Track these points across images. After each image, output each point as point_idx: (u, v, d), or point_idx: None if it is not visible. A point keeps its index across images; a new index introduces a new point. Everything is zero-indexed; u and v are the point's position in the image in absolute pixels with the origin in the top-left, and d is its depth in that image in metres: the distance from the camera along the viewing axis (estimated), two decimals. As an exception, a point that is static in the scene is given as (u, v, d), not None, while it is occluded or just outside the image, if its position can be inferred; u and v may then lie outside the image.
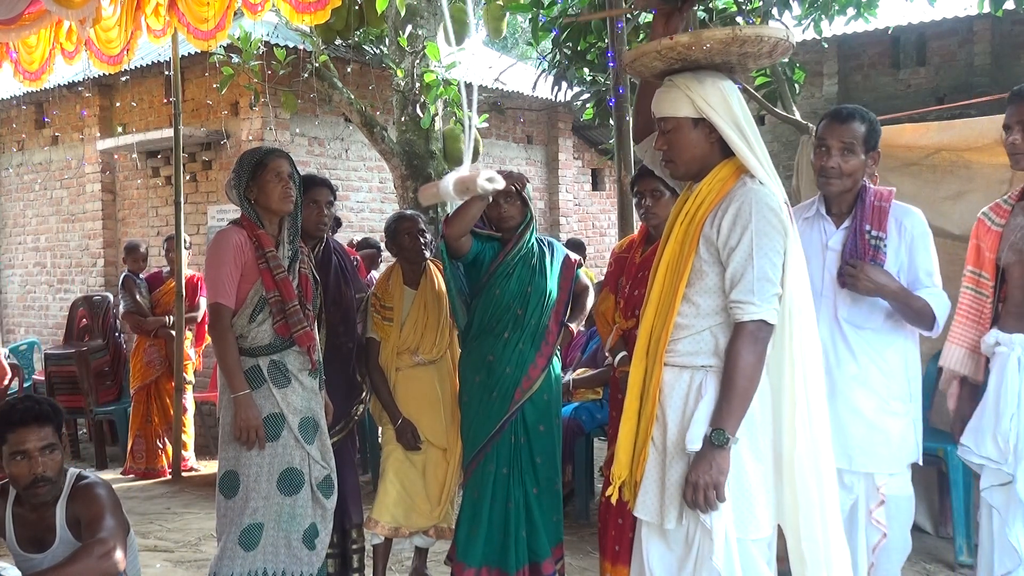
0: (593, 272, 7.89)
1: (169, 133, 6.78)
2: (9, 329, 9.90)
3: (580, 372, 4.96)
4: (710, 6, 6.54)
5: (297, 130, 7.89)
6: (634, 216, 4.12)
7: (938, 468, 4.13)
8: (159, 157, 8.16)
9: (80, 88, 8.58)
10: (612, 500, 2.33)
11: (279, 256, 3.10)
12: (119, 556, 2.57)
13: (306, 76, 6.83)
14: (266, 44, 6.89)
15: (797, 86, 7.32)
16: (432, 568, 3.96)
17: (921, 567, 4.03)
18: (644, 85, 2.47)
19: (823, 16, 7.09)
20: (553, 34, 7.07)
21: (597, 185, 11.82)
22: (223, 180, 7.29)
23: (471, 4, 5.68)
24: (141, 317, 6.40)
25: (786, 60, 6.21)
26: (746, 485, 2.15)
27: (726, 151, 2.23)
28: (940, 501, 4.36)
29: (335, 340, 3.60)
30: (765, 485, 2.18)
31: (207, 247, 3.41)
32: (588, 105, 7.47)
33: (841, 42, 10.02)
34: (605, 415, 4.70)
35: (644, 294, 2.40)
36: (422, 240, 3.72)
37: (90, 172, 8.85)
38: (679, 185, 2.43)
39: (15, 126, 9.66)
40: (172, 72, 6.20)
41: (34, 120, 9.52)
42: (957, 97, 8.62)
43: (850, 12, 7.12)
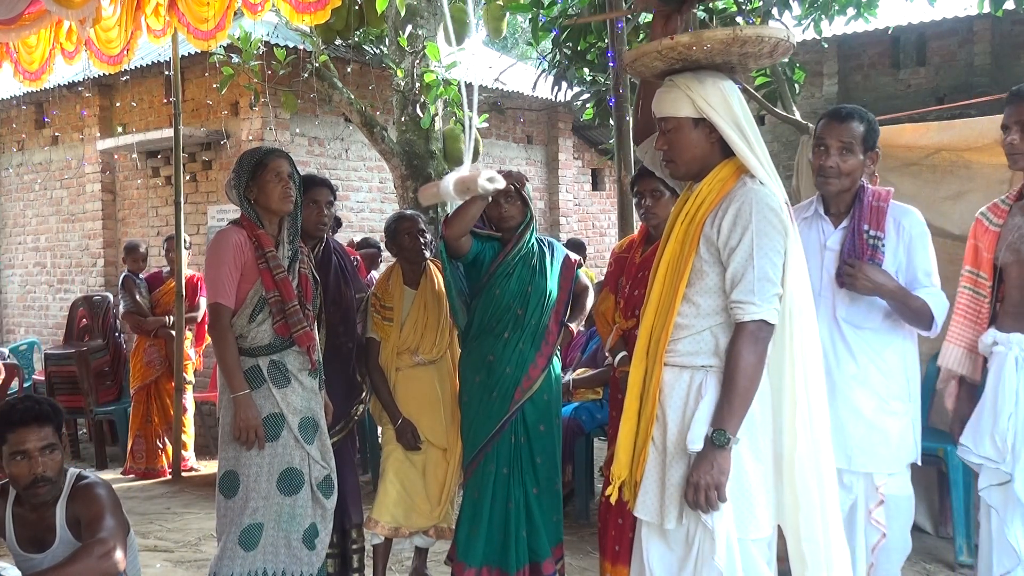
0: (593, 272, 7.89)
1: (169, 133, 6.78)
2: (9, 329, 9.90)
3: (580, 372, 4.96)
4: (710, 6, 6.53)
5: (297, 130, 7.88)
6: (634, 216, 4.12)
7: (938, 468, 4.13)
8: (159, 157, 8.16)
9: (80, 88, 8.58)
10: (612, 500, 2.33)
11: (279, 256, 3.10)
12: (119, 556, 2.57)
13: (306, 76, 6.82)
14: (266, 44, 6.89)
15: (797, 86, 7.32)
16: (432, 568, 3.96)
17: (921, 567, 4.03)
18: (644, 85, 2.47)
19: (823, 16, 7.09)
20: (553, 34, 7.07)
21: (597, 185, 11.82)
22: (223, 180, 7.29)
23: (471, 4, 5.68)
24: (141, 317, 6.40)
25: (786, 60, 6.21)
26: (746, 485, 2.15)
27: (726, 151, 2.23)
28: (940, 501, 4.36)
29: (335, 340, 3.60)
30: (765, 485, 2.18)
31: (207, 247, 3.41)
32: (588, 105, 7.47)
33: (841, 42, 10.02)
34: (605, 415, 4.70)
35: (644, 294, 2.40)
36: (422, 240, 3.72)
37: (90, 172, 8.85)
38: (679, 185, 2.43)
39: (15, 126, 9.66)
40: (172, 72, 6.20)
41: (34, 120, 9.51)
42: (957, 97, 8.62)
43: (850, 12, 7.13)
